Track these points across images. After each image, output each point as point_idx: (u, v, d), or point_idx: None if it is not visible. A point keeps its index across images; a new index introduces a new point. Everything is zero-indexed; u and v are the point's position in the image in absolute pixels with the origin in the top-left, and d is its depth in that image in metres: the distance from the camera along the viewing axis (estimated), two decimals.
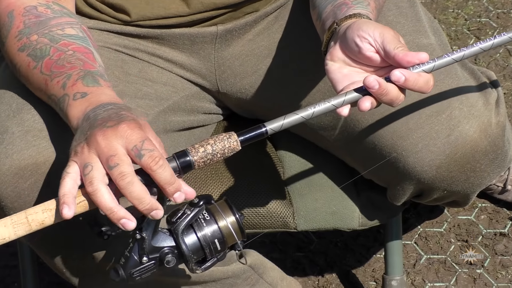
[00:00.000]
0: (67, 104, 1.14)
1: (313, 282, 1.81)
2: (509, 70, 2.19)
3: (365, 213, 1.53)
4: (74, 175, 1.04)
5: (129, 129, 1.04)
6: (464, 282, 1.79)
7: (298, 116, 1.10)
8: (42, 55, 1.21)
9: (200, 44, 1.43)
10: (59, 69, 1.19)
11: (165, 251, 1.10)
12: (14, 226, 1.05)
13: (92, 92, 1.14)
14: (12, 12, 1.25)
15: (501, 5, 2.35)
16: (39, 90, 1.22)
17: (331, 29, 1.21)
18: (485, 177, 1.41)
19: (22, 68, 1.23)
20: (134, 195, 1.03)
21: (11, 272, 1.83)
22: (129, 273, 1.10)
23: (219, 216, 1.12)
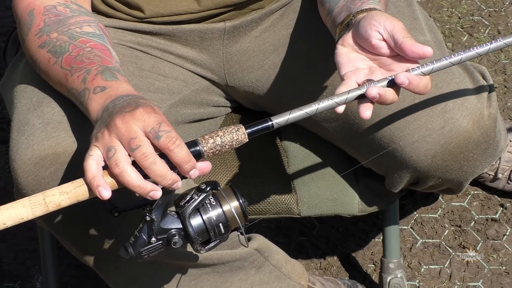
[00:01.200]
0: (87, 97, 1.14)
1: (316, 264, 1.82)
2: (500, 66, 2.18)
3: (364, 199, 1.53)
4: (97, 157, 1.05)
5: (146, 113, 1.05)
6: (458, 265, 1.79)
7: (302, 112, 1.11)
8: (61, 51, 1.21)
9: (209, 40, 1.43)
10: (79, 64, 1.19)
11: (172, 233, 1.11)
12: (32, 207, 1.06)
13: (110, 86, 1.14)
14: (33, 11, 1.25)
15: (493, 4, 2.35)
16: (58, 85, 1.22)
17: (347, 20, 1.21)
18: (478, 166, 1.41)
19: (42, 64, 1.23)
20: (157, 173, 1.03)
21: (32, 256, 1.83)
22: (138, 251, 1.11)
23: (224, 201, 1.13)
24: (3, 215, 1.06)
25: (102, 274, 1.36)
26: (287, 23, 1.47)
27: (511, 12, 2.32)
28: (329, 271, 1.80)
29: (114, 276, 1.35)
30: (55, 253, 1.62)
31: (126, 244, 1.12)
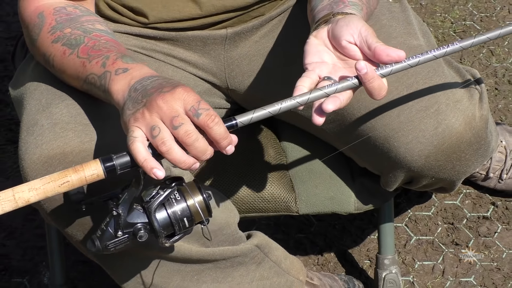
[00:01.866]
0: (109, 79, 1.14)
1: (313, 260, 1.82)
2: (491, 69, 2.18)
3: (360, 198, 1.54)
4: (141, 139, 1.05)
5: (185, 92, 1.05)
6: (450, 261, 1.79)
7: (265, 111, 1.10)
8: (77, 43, 1.20)
9: (211, 46, 1.43)
10: (97, 52, 1.18)
11: (138, 227, 1.11)
12: (1, 203, 1.06)
13: (132, 67, 1.14)
14: (42, 13, 1.25)
15: (484, 9, 2.35)
16: (75, 74, 1.21)
17: (327, 17, 1.21)
18: (470, 166, 1.41)
19: (57, 57, 1.22)
20: (200, 149, 1.04)
21: (39, 252, 1.83)
22: (104, 244, 1.12)
23: (188, 196, 1.13)
24: None
25: (108, 269, 1.36)
26: (286, 28, 1.47)
27: (502, 17, 2.32)
28: (326, 267, 1.80)
29: (120, 271, 1.35)
30: (62, 249, 1.62)
31: (93, 237, 1.12)
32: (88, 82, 1.19)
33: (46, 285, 1.78)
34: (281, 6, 1.46)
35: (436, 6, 2.38)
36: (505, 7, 2.35)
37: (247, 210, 1.52)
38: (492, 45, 2.23)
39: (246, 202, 1.51)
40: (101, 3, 1.37)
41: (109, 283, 1.54)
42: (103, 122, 1.25)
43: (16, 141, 1.30)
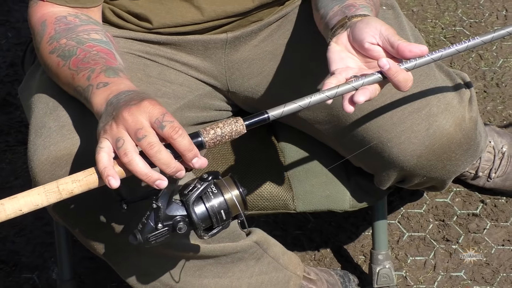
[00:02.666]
0: (91, 92, 1.14)
1: (310, 256, 1.81)
2: (480, 72, 2.18)
3: (355, 196, 1.53)
4: (107, 149, 1.04)
5: (151, 105, 1.05)
6: (441, 256, 1.79)
7: (296, 105, 1.10)
8: (70, 55, 1.21)
9: (212, 50, 1.43)
10: (84, 65, 1.18)
11: (178, 219, 1.10)
12: (46, 194, 1.05)
13: (112, 82, 1.14)
14: (45, 21, 1.25)
15: (474, 15, 2.35)
16: (66, 85, 1.22)
17: (342, 22, 1.20)
18: (459, 165, 1.41)
19: (53, 68, 1.23)
20: (162, 161, 1.03)
21: (48, 249, 1.83)
22: (145, 237, 1.11)
23: (225, 190, 1.12)
24: (20, 202, 1.05)
25: (114, 265, 1.36)
26: (284, 33, 1.47)
27: (490, 23, 2.32)
28: (323, 262, 1.80)
29: (124, 267, 1.35)
30: (70, 246, 1.62)
31: (135, 231, 1.12)
32: (77, 93, 1.19)
33: (54, 280, 1.78)
34: (279, 12, 1.46)
35: (427, 12, 2.38)
36: (493, 13, 2.35)
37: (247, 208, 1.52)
38: (481, 50, 2.23)
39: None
40: (107, 10, 1.37)
41: (115, 278, 1.54)
42: None
43: (26, 142, 1.30)
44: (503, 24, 2.31)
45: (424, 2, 2.40)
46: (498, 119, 2.06)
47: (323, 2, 1.30)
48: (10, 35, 2.34)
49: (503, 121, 2.05)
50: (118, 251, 1.32)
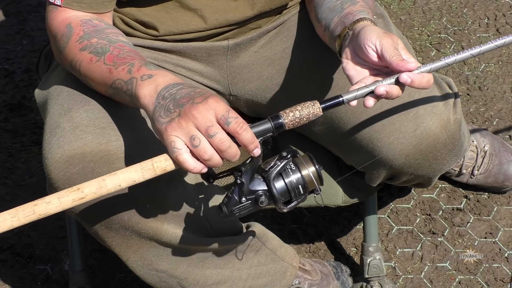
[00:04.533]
0: (135, 85, 1.13)
1: (306, 248, 1.81)
2: (463, 76, 2.19)
3: (347, 192, 1.54)
4: (185, 149, 1.06)
5: (216, 102, 1.06)
6: (428, 248, 1.79)
7: (368, 89, 1.12)
8: (103, 51, 1.20)
9: (215, 56, 1.43)
10: (121, 60, 1.18)
11: (259, 193, 1.12)
12: (142, 171, 1.06)
13: (156, 74, 1.13)
14: (70, 24, 1.25)
15: (457, 23, 2.35)
16: (101, 80, 1.20)
17: (343, 33, 1.21)
18: (445, 164, 1.41)
19: (84, 63, 1.22)
20: (232, 155, 1.06)
21: (61, 242, 1.83)
22: (230, 210, 1.12)
23: (303, 167, 1.14)
24: (119, 178, 1.06)
25: (123, 257, 1.36)
26: (282, 39, 1.47)
27: (473, 30, 2.32)
28: (317, 254, 1.80)
29: (133, 259, 1.35)
30: (81, 239, 1.62)
31: (221, 204, 1.13)
32: (114, 87, 1.18)
33: (66, 271, 1.77)
34: (276, 20, 1.46)
35: (414, 20, 2.38)
36: (475, 21, 2.35)
37: None
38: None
39: None
40: (116, 19, 1.37)
41: (123, 269, 1.54)
42: (119, 126, 1.25)
43: (40, 143, 1.30)
44: (485, 31, 2.31)
45: (411, 11, 2.40)
46: (481, 120, 2.06)
47: (323, 14, 1.30)
48: (25, 42, 2.34)
49: (485, 122, 2.06)
50: (126, 243, 1.32)
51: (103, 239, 1.31)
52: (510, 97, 2.11)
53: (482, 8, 2.39)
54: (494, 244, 1.78)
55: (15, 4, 2.47)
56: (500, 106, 2.09)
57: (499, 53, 2.24)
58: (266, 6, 1.40)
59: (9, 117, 2.12)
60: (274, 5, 1.41)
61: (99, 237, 1.32)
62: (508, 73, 2.18)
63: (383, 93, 1.12)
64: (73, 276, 1.65)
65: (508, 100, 2.11)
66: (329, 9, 1.29)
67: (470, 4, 2.41)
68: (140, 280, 1.40)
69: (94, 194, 1.06)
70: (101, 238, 1.31)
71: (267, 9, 1.40)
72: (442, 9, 2.40)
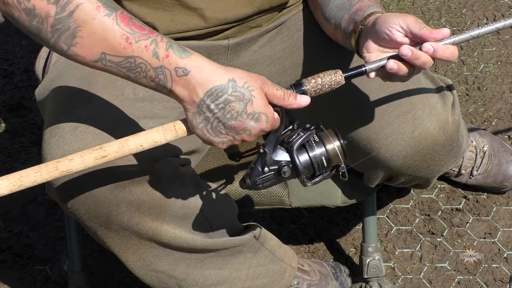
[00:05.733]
0: (170, 80, 1.05)
1: (305, 248, 1.82)
2: (462, 77, 2.19)
3: (346, 193, 1.54)
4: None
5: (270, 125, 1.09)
6: (427, 248, 1.79)
7: (382, 62, 1.13)
8: (112, 7, 1.04)
9: (215, 55, 1.43)
10: (139, 29, 1.04)
11: (282, 164, 1.12)
12: (164, 132, 1.07)
13: (191, 68, 1.05)
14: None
15: (456, 23, 2.36)
16: (108, 40, 1.03)
17: (357, 29, 1.21)
18: (443, 165, 1.41)
19: (86, 8, 1.01)
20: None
21: (60, 242, 1.83)
22: (253, 180, 1.12)
23: (327, 140, 1.13)
24: (141, 138, 1.06)
25: (122, 258, 1.36)
26: (282, 39, 1.47)
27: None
28: (316, 255, 1.80)
29: (132, 259, 1.35)
30: (80, 239, 1.62)
31: (244, 176, 1.13)
32: (132, 62, 1.05)
33: (65, 271, 1.78)
34: (277, 20, 1.46)
35: None
36: (474, 22, 2.35)
37: (245, 204, 1.52)
38: (463, 56, 2.24)
39: (244, 197, 1.51)
40: None
41: (122, 270, 1.54)
42: (120, 126, 1.25)
43: (39, 143, 1.30)
44: None
45: (410, 11, 2.41)
46: (480, 120, 2.07)
47: (331, 12, 1.30)
48: (24, 43, 2.34)
49: (484, 122, 2.06)
50: (126, 245, 1.32)
51: (102, 239, 1.31)
52: (509, 97, 2.12)
53: (481, 9, 2.39)
54: (493, 244, 1.79)
55: None
56: (499, 106, 2.10)
57: (498, 53, 2.24)
58: (266, 4, 1.40)
59: (8, 117, 2.12)
60: (274, 3, 1.41)
61: (98, 238, 1.32)
62: (507, 73, 2.19)
63: (407, 53, 1.09)
64: (72, 277, 1.65)
65: (507, 100, 2.11)
66: (337, 7, 1.29)
67: (469, 4, 2.41)
68: (139, 280, 1.40)
69: (116, 153, 1.05)
70: (100, 238, 1.31)
71: (266, 7, 1.41)
72: (441, 9, 2.40)
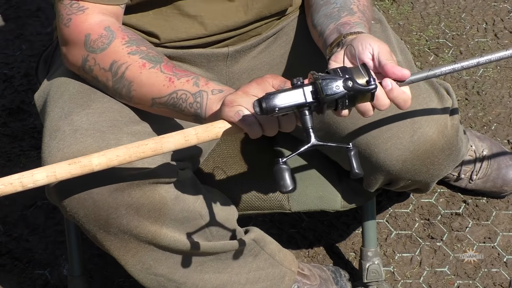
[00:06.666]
0: (207, 97, 1.19)
1: (304, 253, 1.82)
2: (462, 81, 2.19)
3: (345, 197, 1.54)
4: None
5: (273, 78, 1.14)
6: (427, 253, 1.80)
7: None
8: (156, 60, 1.23)
9: (214, 62, 1.44)
10: (182, 72, 1.22)
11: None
12: (198, 136, 1.11)
13: (225, 89, 1.20)
14: (109, 27, 1.25)
15: (456, 28, 2.36)
16: (155, 87, 1.22)
17: (338, 40, 1.22)
18: (442, 169, 1.41)
19: (134, 67, 1.22)
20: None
21: (59, 246, 1.83)
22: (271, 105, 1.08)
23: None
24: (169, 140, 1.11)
25: (121, 261, 1.36)
26: (280, 45, 1.48)
27: (471, 35, 2.33)
28: (316, 259, 1.80)
29: (131, 263, 1.35)
30: (80, 244, 1.62)
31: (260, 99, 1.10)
32: (175, 97, 1.20)
33: (65, 276, 1.78)
34: (276, 27, 1.47)
35: (412, 25, 2.39)
36: (474, 26, 2.36)
37: (245, 208, 1.52)
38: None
39: (244, 201, 1.51)
40: None
41: (122, 274, 1.55)
42: (119, 130, 1.26)
43: (39, 148, 1.30)
44: (483, 36, 2.32)
45: (410, 16, 2.41)
46: (479, 124, 2.07)
47: (319, 19, 1.31)
48: (24, 47, 2.35)
49: (483, 126, 2.06)
50: (126, 248, 1.32)
51: (101, 243, 1.31)
52: (509, 102, 2.12)
53: (480, 13, 2.40)
54: (493, 249, 1.79)
55: (14, 9, 2.48)
56: (498, 111, 2.10)
57: None
58: (265, 10, 1.40)
59: (8, 121, 2.12)
60: (273, 10, 1.41)
61: (97, 241, 1.32)
62: (506, 78, 2.19)
63: (387, 85, 1.12)
64: (71, 281, 1.65)
65: (506, 104, 2.12)
66: (326, 15, 1.30)
67: (468, 9, 2.42)
68: (138, 285, 1.41)
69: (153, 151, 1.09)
70: (99, 242, 1.32)
71: (266, 14, 1.41)
72: (440, 14, 2.41)
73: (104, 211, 1.25)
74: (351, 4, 1.31)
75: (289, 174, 1.08)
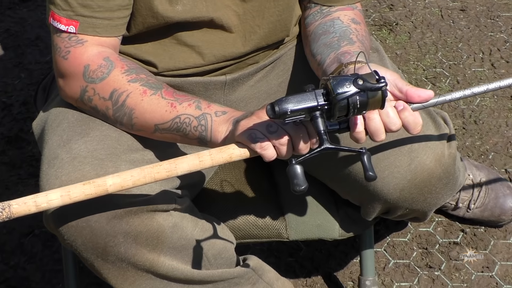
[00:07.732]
0: (211, 120, 1.21)
1: (302, 282, 1.81)
2: (459, 110, 2.20)
3: (343, 226, 1.54)
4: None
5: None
6: (425, 282, 1.79)
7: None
8: (157, 86, 1.25)
9: (212, 90, 1.45)
10: (183, 96, 1.23)
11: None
12: (212, 158, 1.12)
13: (228, 110, 1.21)
14: (108, 57, 1.27)
15: (452, 58, 2.38)
16: (157, 113, 1.23)
17: (339, 69, 1.23)
18: (440, 198, 1.41)
19: (135, 94, 1.24)
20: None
21: (57, 275, 1.82)
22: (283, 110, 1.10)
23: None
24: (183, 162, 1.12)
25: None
26: (278, 74, 1.49)
27: (468, 65, 2.35)
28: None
29: None
30: (77, 273, 1.61)
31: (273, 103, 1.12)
32: (178, 122, 1.22)
33: None
34: (273, 55, 1.48)
35: (409, 55, 2.40)
36: (470, 56, 2.38)
37: (243, 236, 1.52)
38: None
39: (242, 229, 1.51)
40: None
41: None
42: (117, 158, 1.26)
43: (37, 176, 1.30)
44: (480, 65, 2.34)
45: (407, 46, 2.43)
46: (476, 153, 2.07)
47: (319, 49, 1.32)
48: (23, 75, 2.36)
49: (480, 155, 2.07)
50: (123, 276, 1.32)
51: (99, 271, 1.31)
52: (506, 131, 2.13)
53: (477, 43, 2.42)
54: (491, 278, 1.79)
55: (13, 37, 2.50)
56: (495, 140, 2.11)
57: None
58: (263, 42, 1.42)
59: (6, 149, 2.13)
60: (270, 41, 1.43)
61: (95, 270, 1.32)
62: (503, 107, 2.20)
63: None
64: None
65: (503, 134, 2.12)
66: (325, 44, 1.31)
67: (465, 39, 2.44)
68: None
69: (167, 171, 1.10)
70: (97, 270, 1.31)
71: (264, 45, 1.42)
72: (437, 43, 2.43)
73: (102, 239, 1.25)
74: (350, 33, 1.32)
75: (302, 173, 1.10)
